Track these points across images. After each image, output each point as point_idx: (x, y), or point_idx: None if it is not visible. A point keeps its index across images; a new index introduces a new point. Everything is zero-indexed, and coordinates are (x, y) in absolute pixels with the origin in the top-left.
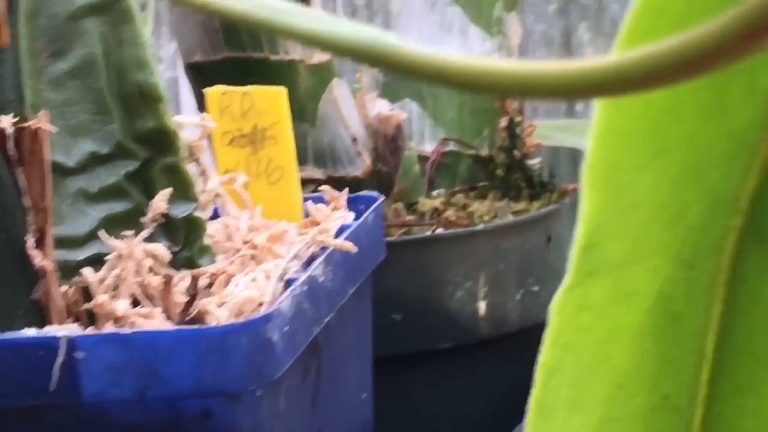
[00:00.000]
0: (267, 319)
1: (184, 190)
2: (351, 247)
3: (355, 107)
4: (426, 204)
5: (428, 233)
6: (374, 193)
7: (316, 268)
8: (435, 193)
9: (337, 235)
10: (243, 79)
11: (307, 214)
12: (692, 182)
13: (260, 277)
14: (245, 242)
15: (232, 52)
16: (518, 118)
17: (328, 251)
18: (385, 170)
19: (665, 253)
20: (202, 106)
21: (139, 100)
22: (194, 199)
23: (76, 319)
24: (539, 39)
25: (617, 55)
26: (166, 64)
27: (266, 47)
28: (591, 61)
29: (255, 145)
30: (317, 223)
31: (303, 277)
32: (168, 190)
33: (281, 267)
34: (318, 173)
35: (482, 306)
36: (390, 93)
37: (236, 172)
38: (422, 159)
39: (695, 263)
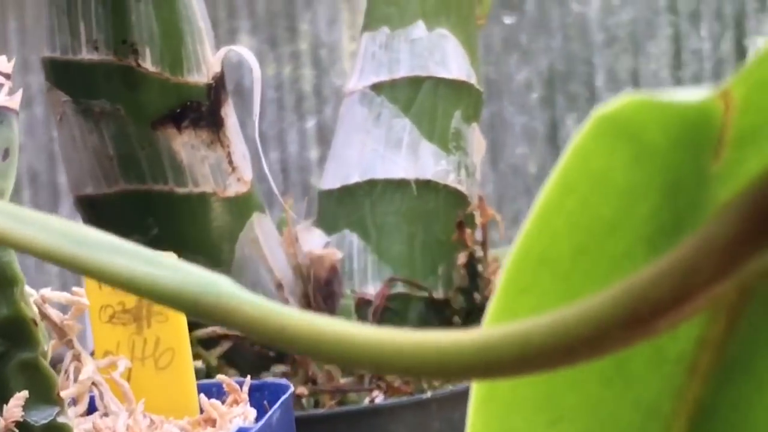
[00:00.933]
0: None
1: (44, 392)
2: None
3: (281, 245)
4: None
5: (366, 403)
6: (282, 381)
7: None
8: None
9: None
10: (143, 216)
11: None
12: None
13: None
14: None
15: (129, 184)
16: (479, 253)
17: None
18: None
19: None
20: None
21: None
22: (57, 401)
23: None
24: (520, 133)
25: (487, 327)
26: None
27: (171, 178)
28: (456, 336)
29: (140, 323)
30: (212, 421)
31: None
32: (23, 394)
33: None
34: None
35: None
36: (326, 222)
37: (117, 356)
38: (364, 304)
39: None
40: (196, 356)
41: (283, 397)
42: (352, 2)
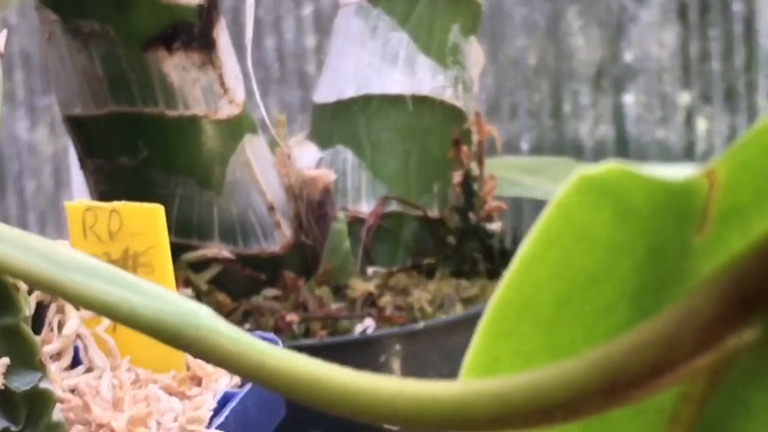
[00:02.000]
0: None
1: (26, 358)
2: None
3: (273, 166)
4: (358, 287)
5: (357, 333)
6: (270, 334)
7: None
8: (371, 271)
9: (220, 406)
10: (133, 138)
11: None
12: None
13: None
14: (99, 426)
15: (119, 106)
16: (476, 172)
17: None
18: (309, 244)
19: None
20: (87, 167)
21: None
22: (39, 367)
23: None
24: (520, 25)
25: (465, 381)
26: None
27: (161, 100)
28: (435, 388)
29: None
30: (198, 380)
31: None
32: (4, 360)
33: None
34: (225, 251)
35: None
36: (320, 137)
37: None
38: (358, 222)
39: None
40: (185, 281)
41: None
42: None
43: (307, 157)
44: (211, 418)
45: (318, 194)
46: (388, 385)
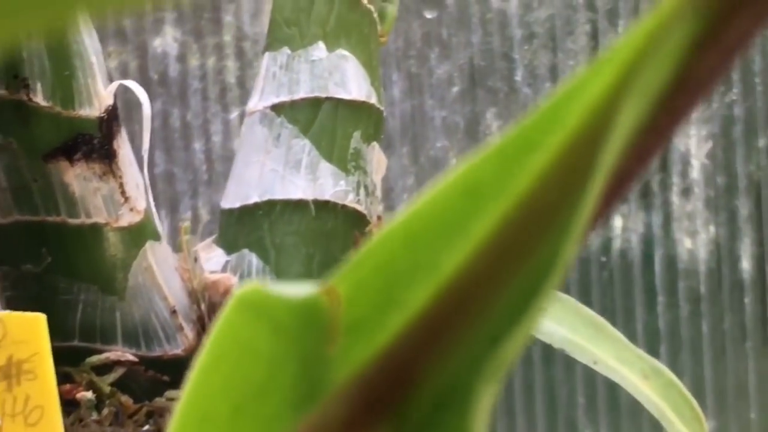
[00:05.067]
0: None
1: None
2: None
3: (177, 270)
4: None
5: None
6: None
7: None
8: None
9: None
10: (37, 246)
11: None
12: None
13: None
14: None
15: (22, 215)
16: None
17: None
18: None
19: None
20: None
21: None
22: None
23: None
24: (440, 126)
25: None
26: None
27: (63, 209)
28: None
29: (10, 380)
30: None
31: None
32: None
33: None
34: (129, 354)
35: None
36: (226, 241)
37: None
38: None
39: None
40: (89, 384)
41: None
42: None
43: (214, 261)
44: None
45: (220, 297)
46: None
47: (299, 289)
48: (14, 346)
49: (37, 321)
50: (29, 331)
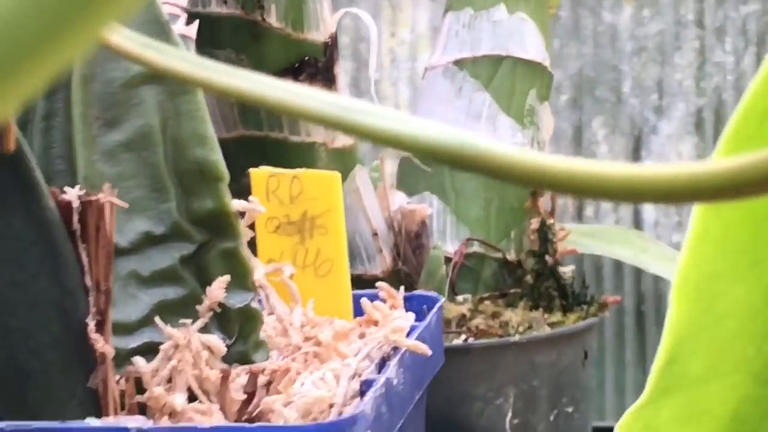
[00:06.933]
0: (353, 421)
1: (241, 279)
2: (426, 349)
3: (376, 198)
4: (452, 310)
5: (459, 341)
6: (432, 293)
7: (391, 370)
8: (460, 298)
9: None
10: (258, 160)
11: (356, 313)
12: None
13: (328, 376)
14: (307, 338)
15: (248, 130)
16: (550, 220)
17: (400, 353)
18: (405, 271)
19: (746, 369)
20: None
21: (198, 178)
22: (252, 288)
23: (127, 411)
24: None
25: (723, 160)
26: None
27: (286, 127)
28: (707, 165)
29: (303, 234)
30: (374, 322)
31: (381, 378)
32: (226, 278)
33: (352, 367)
34: None
35: (511, 427)
36: (406, 185)
37: (280, 262)
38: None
39: None
40: None
41: (437, 305)
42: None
43: (396, 203)
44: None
45: (415, 226)
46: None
47: None
48: (309, 202)
49: (332, 179)
50: (324, 188)
